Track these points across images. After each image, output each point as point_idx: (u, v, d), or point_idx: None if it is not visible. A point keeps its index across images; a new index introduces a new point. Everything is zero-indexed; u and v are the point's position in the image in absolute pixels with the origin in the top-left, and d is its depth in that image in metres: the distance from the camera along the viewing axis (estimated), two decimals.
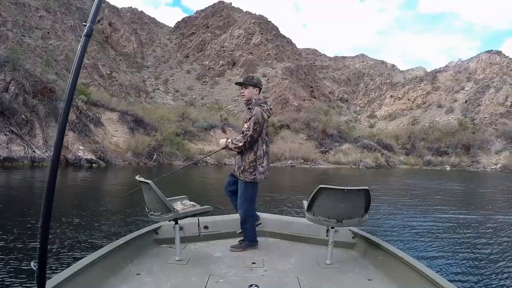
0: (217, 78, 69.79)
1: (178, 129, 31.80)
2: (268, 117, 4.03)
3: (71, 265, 2.76)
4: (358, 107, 76.83)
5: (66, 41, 48.46)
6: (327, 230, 3.50)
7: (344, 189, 3.22)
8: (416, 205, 13.54)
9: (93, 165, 22.03)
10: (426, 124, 57.18)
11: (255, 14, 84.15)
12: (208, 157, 30.34)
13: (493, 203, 15.30)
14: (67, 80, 1.66)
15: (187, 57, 77.09)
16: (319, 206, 3.39)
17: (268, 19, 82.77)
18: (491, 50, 76.27)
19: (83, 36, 1.57)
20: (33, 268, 1.55)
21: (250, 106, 4.04)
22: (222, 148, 4.26)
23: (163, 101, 57.58)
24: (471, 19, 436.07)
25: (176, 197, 4.07)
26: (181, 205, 3.89)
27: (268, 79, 65.28)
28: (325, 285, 3.03)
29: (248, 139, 3.86)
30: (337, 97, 79.67)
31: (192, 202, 4.02)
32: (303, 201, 3.77)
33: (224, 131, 35.72)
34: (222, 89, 66.50)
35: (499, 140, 47.08)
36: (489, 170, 41.05)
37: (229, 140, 4.09)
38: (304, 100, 63.11)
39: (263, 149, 3.99)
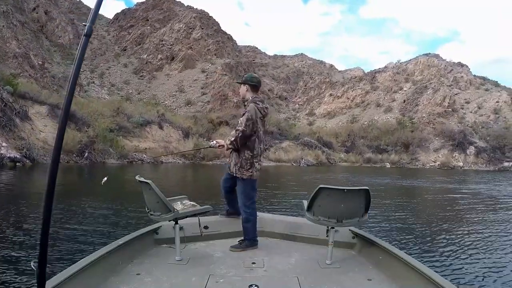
0: (155, 73, 68.13)
1: (112, 124, 29.90)
2: (263, 115, 4.10)
3: (71, 265, 2.75)
4: (297, 105, 77.96)
5: None
6: (327, 230, 3.54)
7: (344, 189, 3.28)
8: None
9: (17, 164, 20.04)
10: (365, 123, 59.00)
11: (196, 8, 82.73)
12: (144, 155, 29.24)
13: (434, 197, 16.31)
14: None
15: (125, 50, 74.44)
16: (319, 206, 3.44)
17: (210, 15, 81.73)
18: (429, 53, 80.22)
19: (82, 36, 1.58)
20: (33, 268, 1.55)
21: (246, 103, 4.12)
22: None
23: (98, 95, 54.83)
24: (409, 26, 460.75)
25: (176, 197, 4.10)
26: (181, 205, 3.93)
27: (207, 75, 64.71)
28: (325, 285, 3.07)
29: (240, 135, 3.93)
30: (276, 94, 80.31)
31: (192, 202, 4.06)
32: (303, 201, 3.80)
33: (161, 127, 34.70)
34: (160, 84, 65.03)
35: (437, 138, 49.44)
36: (428, 167, 43.17)
37: (227, 139, 4.18)
38: None
39: (260, 147, 4.10)
